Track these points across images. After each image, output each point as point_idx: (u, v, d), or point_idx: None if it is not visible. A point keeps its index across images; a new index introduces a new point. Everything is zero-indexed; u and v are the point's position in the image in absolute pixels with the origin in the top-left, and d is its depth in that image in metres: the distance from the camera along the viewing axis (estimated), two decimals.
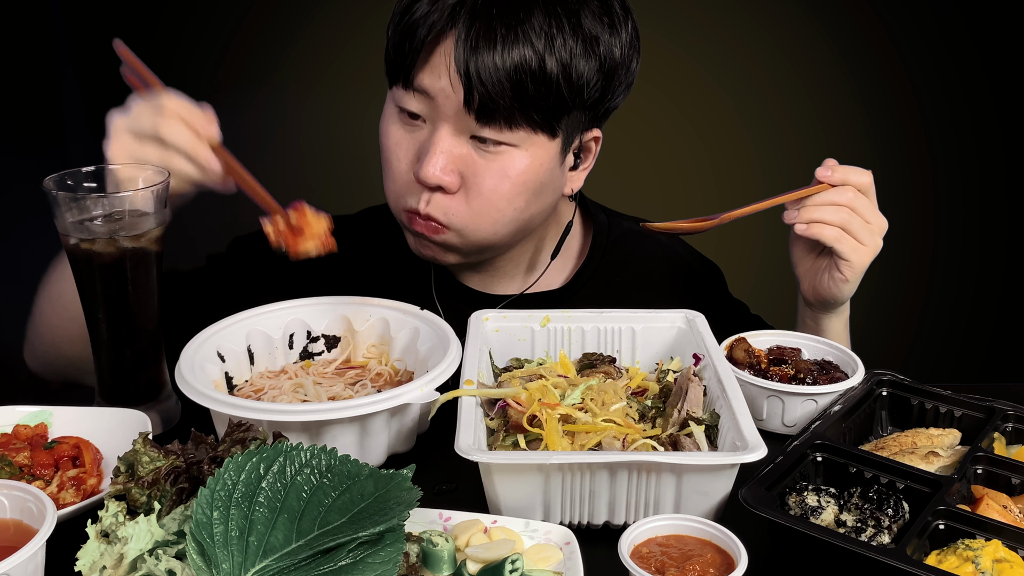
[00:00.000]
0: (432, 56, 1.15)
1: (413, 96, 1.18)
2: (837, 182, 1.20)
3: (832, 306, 1.28)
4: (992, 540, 0.83)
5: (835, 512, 0.90)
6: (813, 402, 1.09)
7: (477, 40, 1.12)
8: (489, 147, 1.18)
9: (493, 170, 1.19)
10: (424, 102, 1.18)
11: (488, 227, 1.23)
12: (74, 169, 1.04)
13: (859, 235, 1.19)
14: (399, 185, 1.23)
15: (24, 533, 0.79)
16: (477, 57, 1.11)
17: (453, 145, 1.18)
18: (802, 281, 1.29)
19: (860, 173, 1.21)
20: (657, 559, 0.81)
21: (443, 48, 1.14)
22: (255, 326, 1.15)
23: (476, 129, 1.17)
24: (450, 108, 1.16)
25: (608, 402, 0.99)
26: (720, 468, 0.88)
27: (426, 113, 1.19)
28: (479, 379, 1.03)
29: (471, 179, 1.19)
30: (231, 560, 0.70)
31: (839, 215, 1.19)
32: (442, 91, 1.15)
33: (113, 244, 1.01)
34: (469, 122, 1.16)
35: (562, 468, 0.87)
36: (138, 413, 1.02)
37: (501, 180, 1.19)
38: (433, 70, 1.15)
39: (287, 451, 0.76)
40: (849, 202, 1.19)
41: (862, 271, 1.22)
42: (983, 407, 1.06)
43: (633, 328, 1.16)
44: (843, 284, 1.22)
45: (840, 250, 1.19)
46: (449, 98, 1.15)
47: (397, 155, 1.22)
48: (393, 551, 0.73)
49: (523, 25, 1.12)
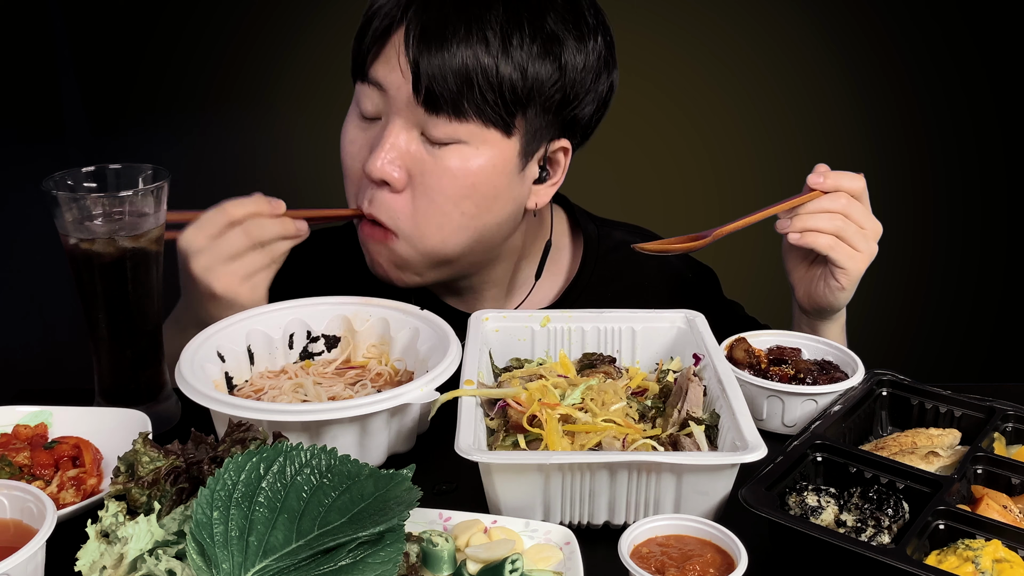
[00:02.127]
0: (385, 47, 1.16)
1: (369, 90, 1.18)
2: (829, 188, 1.18)
3: (828, 313, 1.27)
4: (992, 540, 0.83)
5: (835, 512, 0.90)
6: (813, 402, 1.09)
7: (428, 28, 1.12)
8: (439, 146, 1.16)
9: (440, 168, 1.16)
10: (379, 97, 1.18)
11: (435, 232, 1.19)
12: (74, 169, 1.05)
13: (854, 241, 1.18)
14: (353, 185, 1.23)
15: (24, 533, 0.79)
16: (425, 44, 1.12)
17: (404, 140, 1.17)
18: (797, 289, 1.28)
19: (853, 178, 1.19)
20: (657, 559, 0.81)
21: (396, 39, 1.15)
22: (255, 326, 1.15)
23: (425, 121, 1.15)
24: (401, 100, 1.15)
25: (608, 402, 0.99)
26: (720, 468, 0.88)
27: (381, 109, 1.19)
28: (479, 379, 1.03)
29: (418, 177, 1.17)
30: (231, 560, 0.70)
31: (833, 223, 1.17)
32: (393, 82, 1.15)
33: (113, 244, 1.01)
34: (419, 114, 1.15)
35: (562, 468, 0.87)
36: (138, 413, 1.02)
37: (448, 179, 1.16)
38: (387, 61, 1.16)
39: (287, 451, 0.76)
40: (843, 208, 1.17)
41: (858, 278, 1.21)
42: (983, 407, 1.06)
43: (633, 328, 1.16)
44: (839, 292, 1.21)
45: (835, 258, 1.18)
46: (400, 89, 1.15)
47: (351, 153, 1.22)
48: (393, 551, 0.73)
49: (478, 18, 1.13)
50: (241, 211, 1.13)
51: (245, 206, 1.14)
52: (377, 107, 1.19)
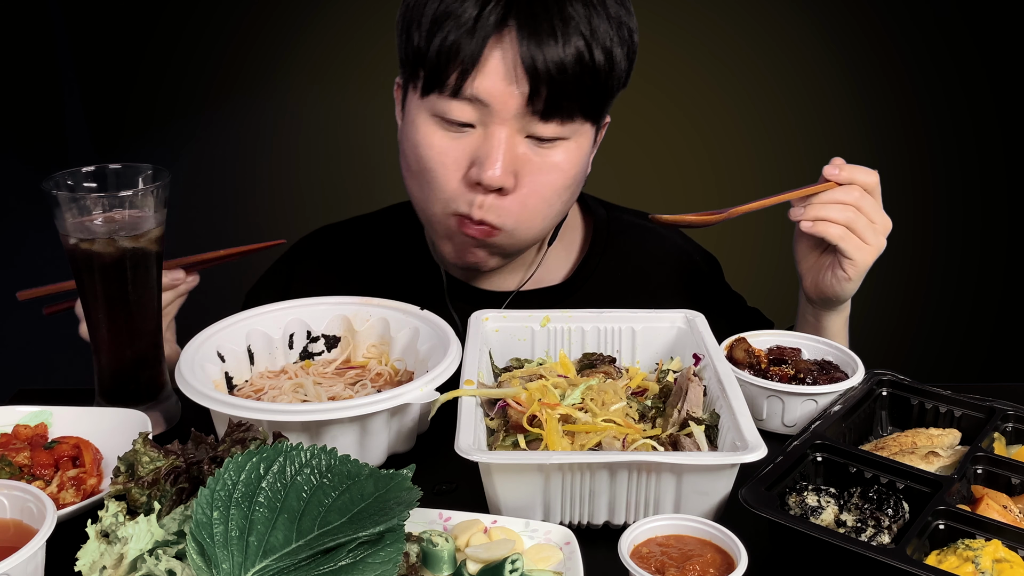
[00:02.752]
0: (487, 61, 1.13)
1: (461, 103, 1.15)
2: (844, 181, 1.19)
3: (834, 304, 1.28)
4: (992, 540, 0.83)
5: (835, 512, 0.90)
6: (813, 402, 1.09)
7: (537, 36, 1.11)
8: (544, 144, 1.18)
9: (547, 166, 1.19)
10: (475, 108, 1.15)
11: (538, 224, 1.24)
12: (74, 169, 1.04)
13: (864, 234, 1.19)
14: (446, 193, 1.20)
15: (24, 533, 0.79)
16: (540, 53, 1.11)
17: (512, 146, 1.17)
18: (804, 278, 1.29)
19: (867, 173, 1.20)
20: (657, 559, 0.81)
21: (497, 52, 1.13)
22: (255, 326, 1.15)
23: (534, 127, 1.16)
24: (508, 111, 1.14)
25: (608, 402, 0.99)
26: (720, 468, 0.88)
27: (477, 119, 1.16)
28: (479, 379, 1.03)
29: (525, 177, 1.18)
30: (231, 560, 0.70)
31: (844, 213, 1.18)
32: (500, 95, 1.13)
33: (113, 244, 1.01)
34: (528, 121, 1.15)
35: (562, 468, 0.87)
36: (138, 413, 1.02)
37: (556, 174, 1.20)
38: (488, 75, 1.13)
39: (287, 451, 0.76)
40: (855, 201, 1.19)
41: (865, 270, 1.22)
42: (983, 407, 1.06)
43: (633, 328, 1.16)
44: (846, 283, 1.22)
45: (844, 248, 1.19)
46: (507, 101, 1.14)
47: (443, 163, 1.19)
48: (393, 551, 0.73)
49: (570, 16, 1.13)
50: None
51: None
52: (471, 117, 1.16)
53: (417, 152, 1.20)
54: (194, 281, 1.24)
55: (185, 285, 1.23)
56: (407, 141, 1.23)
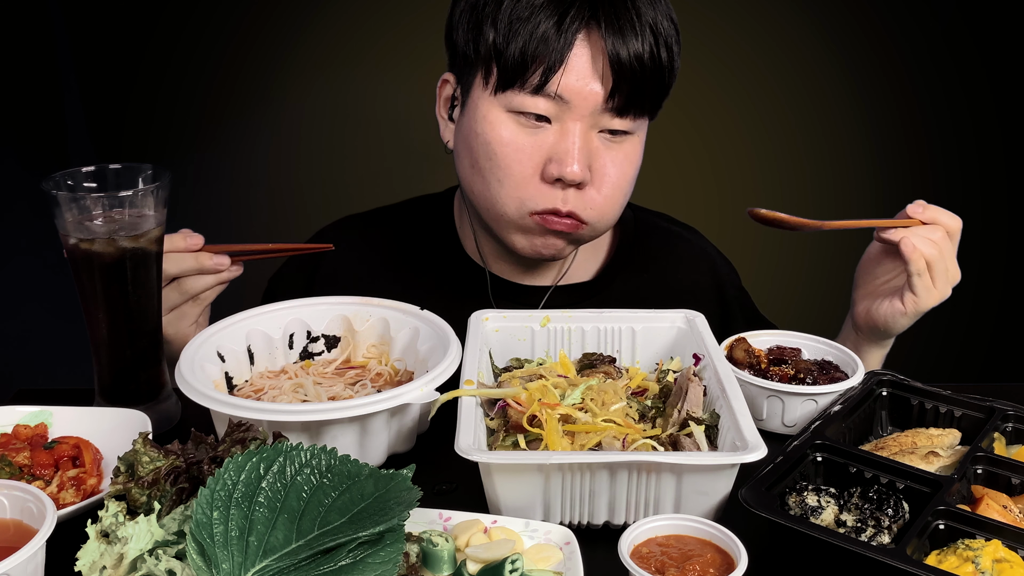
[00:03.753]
0: (573, 59, 1.15)
1: (539, 99, 1.17)
2: (927, 220, 1.19)
3: (880, 336, 1.28)
4: (992, 540, 0.83)
5: (835, 512, 0.90)
6: (813, 402, 1.09)
7: (622, 32, 1.14)
8: (616, 137, 1.21)
9: (618, 159, 1.22)
10: (553, 103, 1.17)
11: (614, 215, 1.26)
12: (74, 169, 1.04)
13: (937, 277, 1.19)
14: (524, 190, 1.21)
15: (24, 533, 0.79)
16: (624, 49, 1.14)
17: (587, 140, 1.19)
18: (858, 303, 1.28)
19: (951, 216, 1.20)
20: (657, 559, 0.81)
21: (584, 49, 1.16)
22: (255, 326, 1.15)
23: (608, 121, 1.19)
24: (587, 107, 1.17)
25: (608, 402, 0.99)
26: (720, 468, 0.88)
27: (553, 113, 1.18)
28: (479, 379, 1.03)
29: (599, 171, 1.21)
30: (231, 560, 0.70)
31: (929, 249, 1.17)
32: (582, 92, 1.16)
33: (113, 244, 1.01)
34: (602, 117, 1.18)
35: (562, 468, 0.87)
36: (138, 413, 1.02)
37: (627, 167, 1.23)
38: (573, 72, 1.16)
39: (287, 451, 0.76)
40: (939, 241, 1.18)
41: (923, 311, 1.21)
42: (983, 407, 1.06)
43: (633, 328, 1.16)
44: (900, 316, 1.22)
45: (914, 283, 1.18)
46: (588, 98, 1.16)
47: (519, 160, 1.20)
48: (393, 551, 0.73)
49: (642, 13, 1.16)
50: (172, 268, 1.19)
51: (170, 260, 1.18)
52: (547, 111, 1.18)
53: (490, 148, 1.21)
54: (237, 271, 1.24)
55: (228, 273, 1.23)
56: (476, 138, 1.22)
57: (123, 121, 3.05)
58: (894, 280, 1.24)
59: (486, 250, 1.39)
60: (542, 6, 1.15)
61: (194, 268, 1.19)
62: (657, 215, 1.52)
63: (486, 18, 1.18)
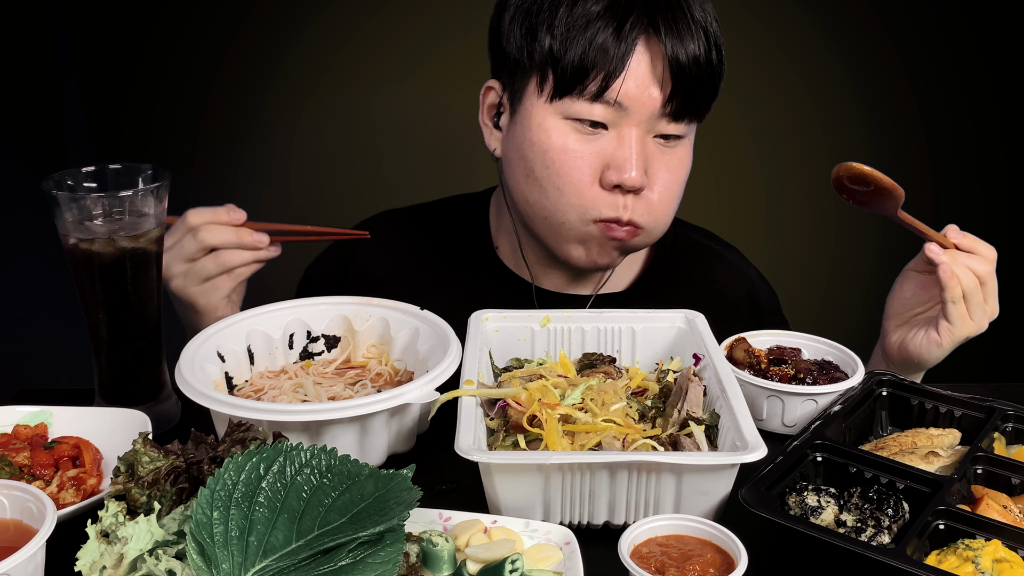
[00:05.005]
0: (633, 65, 1.15)
1: (597, 105, 1.17)
2: (966, 248, 1.18)
3: (914, 368, 1.26)
4: (992, 540, 0.83)
5: (835, 512, 0.90)
6: (813, 402, 1.09)
7: (680, 37, 1.14)
8: (670, 142, 1.21)
9: (671, 163, 1.22)
10: (611, 110, 1.17)
11: (667, 220, 1.26)
12: (74, 169, 1.05)
13: (974, 309, 1.18)
14: (584, 197, 1.20)
15: (24, 533, 0.79)
16: (683, 52, 1.14)
17: (644, 145, 1.19)
18: (890, 335, 1.27)
19: (987, 247, 1.20)
20: (657, 559, 0.81)
21: (643, 55, 1.15)
22: (255, 326, 1.15)
23: (663, 126, 1.19)
24: (645, 112, 1.17)
25: (608, 402, 0.99)
26: (720, 468, 0.88)
27: (610, 119, 1.18)
28: (479, 379, 1.03)
29: (654, 176, 1.21)
30: (231, 560, 0.70)
31: (970, 279, 1.17)
32: (641, 98, 1.16)
33: (113, 244, 1.01)
34: (658, 122, 1.18)
35: (562, 468, 0.87)
36: (138, 413, 1.02)
37: (680, 171, 1.23)
38: (633, 78, 1.15)
39: (287, 451, 0.76)
40: (983, 275, 1.17)
41: (958, 343, 1.20)
42: (983, 407, 1.06)
43: (633, 328, 1.16)
44: (935, 347, 1.20)
45: (951, 312, 1.17)
46: (647, 103, 1.16)
47: (579, 167, 1.19)
48: (393, 551, 0.73)
49: (695, 16, 1.16)
50: (196, 219, 1.18)
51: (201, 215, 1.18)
52: (604, 117, 1.17)
53: (548, 157, 1.20)
54: (276, 251, 1.24)
55: (266, 252, 1.23)
56: (532, 147, 1.21)
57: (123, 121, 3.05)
58: (929, 311, 1.23)
59: (530, 258, 1.37)
60: (600, 14, 1.14)
61: (233, 241, 1.19)
62: (699, 231, 1.51)
63: (541, 24, 1.17)
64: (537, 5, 1.18)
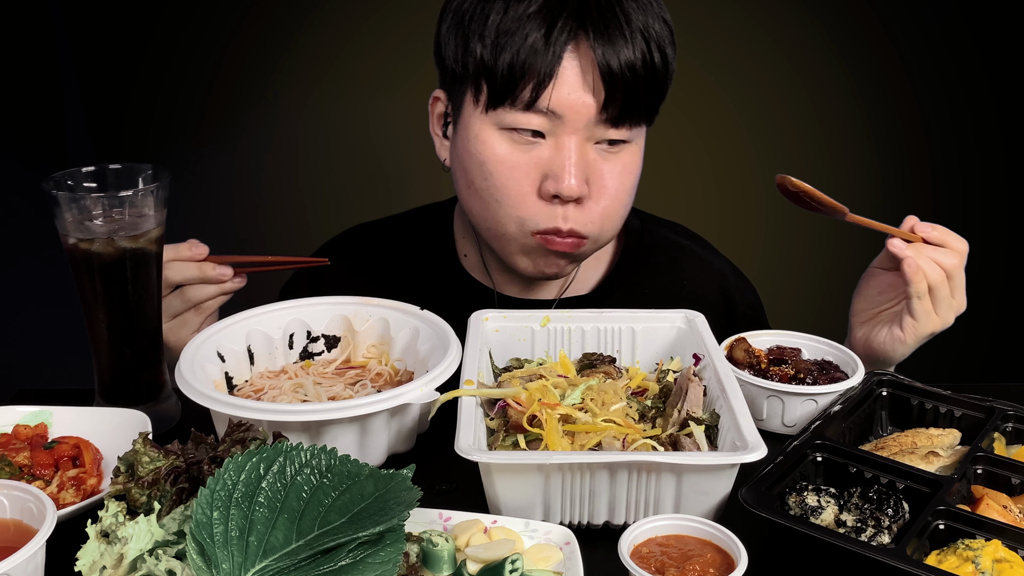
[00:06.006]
0: (564, 72, 1.12)
1: (532, 116, 1.15)
2: (935, 240, 1.16)
3: (880, 365, 1.24)
4: (992, 540, 0.83)
5: (835, 512, 0.90)
6: (813, 402, 1.09)
7: (612, 41, 1.11)
8: (615, 147, 1.18)
9: (616, 169, 1.19)
10: (546, 119, 1.14)
11: (613, 227, 1.24)
12: (74, 169, 1.05)
13: (939, 303, 1.16)
14: (523, 208, 1.18)
15: (24, 533, 0.79)
16: (615, 58, 1.11)
17: (583, 153, 1.16)
18: (856, 330, 1.26)
19: (959, 239, 1.17)
20: (657, 559, 0.81)
21: (574, 62, 1.13)
22: (255, 326, 1.15)
23: (604, 132, 1.16)
24: (581, 120, 1.14)
25: (608, 402, 0.99)
26: (720, 468, 0.88)
27: (547, 128, 1.15)
28: (479, 379, 1.03)
29: (596, 183, 1.18)
30: (231, 560, 0.70)
31: (936, 273, 1.14)
32: (575, 105, 1.13)
33: (113, 244, 1.01)
34: (598, 128, 1.16)
35: (562, 468, 0.87)
36: (138, 413, 1.02)
37: (626, 176, 1.20)
38: (565, 86, 1.12)
39: (287, 451, 0.76)
40: (950, 268, 1.15)
41: (923, 339, 1.19)
42: (983, 407, 1.06)
43: (633, 328, 1.16)
44: (900, 344, 1.19)
45: (915, 307, 1.15)
46: (581, 111, 1.14)
47: (516, 178, 1.17)
48: (393, 551, 0.73)
49: (631, 18, 1.13)
50: (176, 276, 1.19)
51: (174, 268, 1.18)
52: (541, 126, 1.15)
53: (485, 168, 1.18)
54: (240, 282, 1.23)
55: (231, 284, 1.22)
56: (471, 158, 1.19)
57: (123, 121, 3.05)
58: (894, 307, 1.21)
59: (492, 264, 1.36)
60: (529, 18, 1.12)
61: (197, 277, 1.19)
62: (667, 225, 1.48)
63: (473, 33, 1.14)
64: (470, 14, 1.16)
